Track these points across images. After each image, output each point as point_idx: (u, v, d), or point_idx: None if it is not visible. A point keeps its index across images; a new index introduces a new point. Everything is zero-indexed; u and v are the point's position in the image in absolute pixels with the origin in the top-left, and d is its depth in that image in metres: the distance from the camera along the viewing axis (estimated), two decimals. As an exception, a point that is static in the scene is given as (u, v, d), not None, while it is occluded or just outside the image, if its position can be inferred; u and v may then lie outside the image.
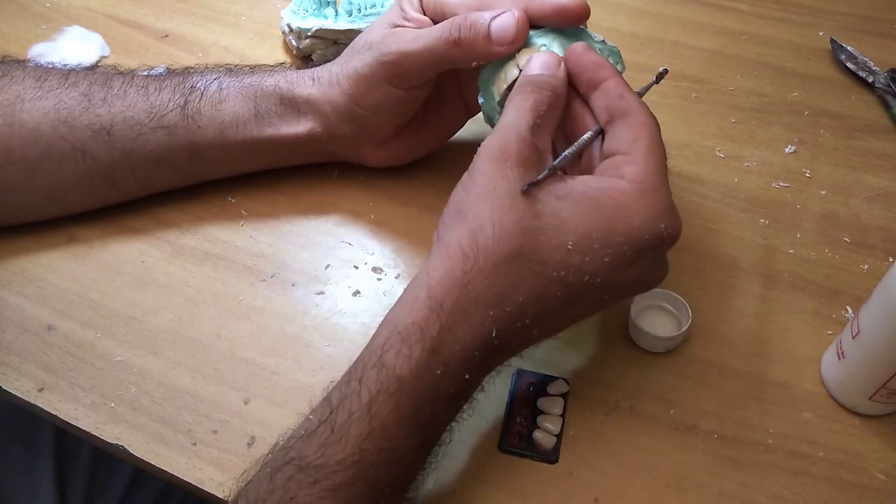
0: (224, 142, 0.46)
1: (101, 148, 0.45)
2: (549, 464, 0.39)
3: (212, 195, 0.50)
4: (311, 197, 0.51)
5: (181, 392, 0.41)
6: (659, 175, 0.36)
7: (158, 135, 0.45)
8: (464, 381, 0.34)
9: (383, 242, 0.49)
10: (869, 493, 0.38)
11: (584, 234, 0.34)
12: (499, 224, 0.34)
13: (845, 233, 0.49)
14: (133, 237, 0.48)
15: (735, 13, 0.66)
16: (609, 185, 0.35)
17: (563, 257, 0.34)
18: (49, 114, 0.44)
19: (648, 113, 0.37)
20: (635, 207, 0.34)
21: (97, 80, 0.46)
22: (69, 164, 0.45)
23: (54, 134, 0.44)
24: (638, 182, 0.35)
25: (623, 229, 0.34)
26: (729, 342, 0.44)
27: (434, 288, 0.33)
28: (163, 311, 0.45)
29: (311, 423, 0.33)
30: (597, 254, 0.34)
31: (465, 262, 0.33)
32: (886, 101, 0.57)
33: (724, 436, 0.40)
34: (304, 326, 0.44)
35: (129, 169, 0.46)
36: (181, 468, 0.39)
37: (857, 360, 0.39)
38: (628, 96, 0.37)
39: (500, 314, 0.33)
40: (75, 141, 0.44)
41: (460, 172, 0.34)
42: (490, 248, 0.33)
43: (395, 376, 0.32)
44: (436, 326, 0.33)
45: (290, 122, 0.47)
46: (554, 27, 0.41)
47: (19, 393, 0.41)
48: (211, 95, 0.46)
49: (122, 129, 0.45)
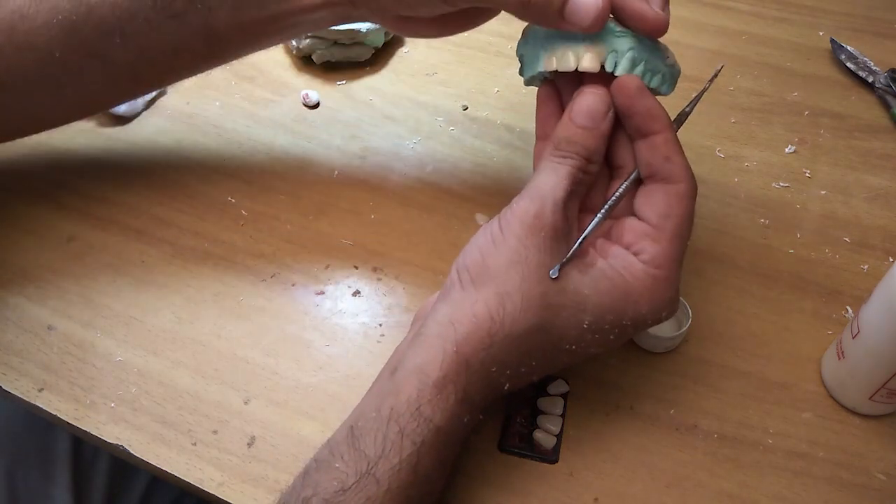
0: (241, 21, 0.43)
1: (117, 51, 0.43)
2: (549, 464, 0.39)
3: (212, 195, 0.50)
4: (311, 197, 0.51)
5: (181, 392, 0.41)
6: (676, 261, 0.36)
7: (171, 25, 0.43)
8: (478, 420, 0.36)
9: (383, 242, 0.49)
10: (869, 493, 0.38)
11: (599, 314, 0.35)
12: (527, 296, 0.34)
13: (845, 233, 0.49)
14: (133, 237, 0.48)
15: (735, 13, 0.66)
16: (625, 265, 0.36)
17: (579, 334, 0.35)
18: (54, 26, 0.42)
19: (690, 182, 0.36)
20: (644, 294, 0.35)
21: None
22: (90, 73, 0.44)
23: (65, 47, 0.42)
24: (653, 267, 0.35)
25: (631, 314, 0.35)
26: (729, 342, 0.44)
27: (461, 344, 0.34)
28: (163, 311, 0.45)
29: (346, 476, 0.33)
30: (606, 333, 0.36)
31: (491, 326, 0.34)
32: (886, 101, 0.57)
33: (724, 436, 0.40)
34: (304, 326, 0.44)
35: (149, 64, 0.45)
36: (181, 468, 0.39)
37: (857, 360, 0.39)
38: (675, 159, 0.36)
39: (515, 373, 0.35)
40: (90, 49, 0.43)
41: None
42: (516, 318, 0.34)
43: (435, 427, 0.33)
44: (464, 380, 0.34)
45: None
46: (632, 31, 0.37)
47: (19, 393, 0.41)
48: None
49: (133, 27, 0.42)
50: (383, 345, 0.44)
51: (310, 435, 0.40)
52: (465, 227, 0.49)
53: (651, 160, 0.36)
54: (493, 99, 0.58)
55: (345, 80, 0.60)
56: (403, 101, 0.58)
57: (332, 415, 0.40)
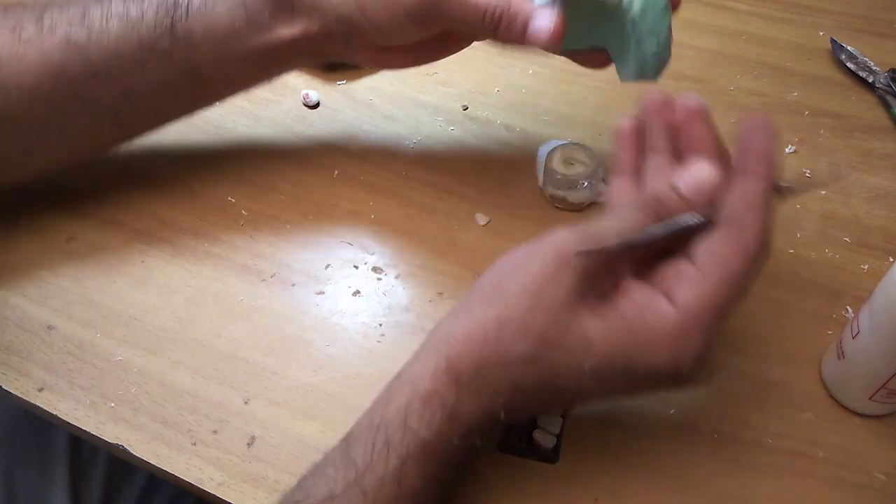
0: (222, 57, 0.44)
1: (102, 92, 0.43)
2: (549, 464, 0.39)
3: (212, 195, 0.50)
4: (311, 197, 0.51)
5: (181, 392, 0.41)
6: (713, 315, 0.31)
7: (155, 65, 0.43)
8: (475, 448, 0.35)
9: (383, 242, 0.49)
10: (869, 493, 0.38)
11: (604, 359, 0.32)
12: (526, 326, 0.32)
13: (845, 233, 0.49)
14: (133, 237, 0.48)
15: (735, 13, 0.66)
16: (649, 305, 0.32)
17: (576, 377, 0.32)
18: (40, 68, 0.42)
19: (761, 243, 0.32)
20: (664, 342, 0.31)
21: (75, 19, 0.43)
22: (74, 114, 0.44)
23: (52, 89, 0.42)
24: (684, 313, 0.31)
25: (644, 364, 0.32)
26: (729, 342, 0.44)
27: (453, 359, 0.33)
28: (163, 311, 0.45)
29: (335, 483, 0.33)
30: (609, 381, 0.33)
31: (483, 348, 0.33)
32: (886, 101, 0.57)
33: (724, 436, 0.40)
34: (304, 326, 0.44)
35: (133, 106, 0.45)
36: (181, 468, 0.39)
37: (857, 360, 0.39)
38: (758, 212, 0.32)
39: (508, 402, 0.33)
40: (75, 90, 0.43)
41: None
42: (509, 344, 0.32)
43: (420, 440, 0.33)
44: (453, 397, 0.33)
45: (284, 22, 0.43)
46: None
47: (19, 393, 0.41)
48: (197, 9, 0.43)
49: (118, 68, 0.43)
50: (383, 345, 0.44)
51: (310, 435, 0.40)
52: (465, 227, 0.49)
53: (733, 202, 0.33)
54: (493, 99, 0.58)
55: (345, 80, 0.60)
56: (403, 101, 0.58)
57: (332, 415, 0.40)
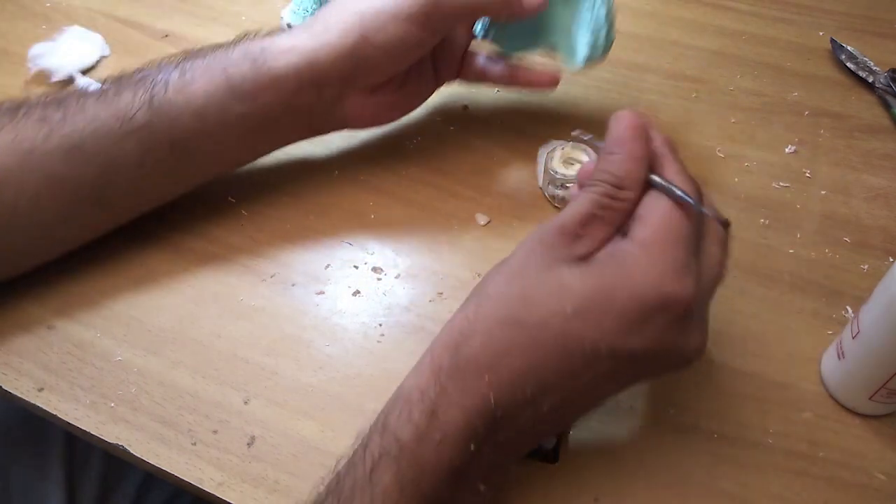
0: (204, 126, 0.43)
1: (78, 169, 0.42)
2: (549, 463, 0.39)
3: (212, 195, 0.50)
4: (311, 197, 0.51)
5: (181, 392, 0.41)
6: (668, 236, 0.33)
7: (134, 138, 0.42)
8: (469, 452, 0.32)
9: (383, 242, 0.49)
10: (869, 493, 0.38)
11: (583, 298, 0.32)
12: (502, 292, 0.33)
13: (845, 233, 0.49)
14: (133, 237, 0.48)
15: (735, 13, 0.66)
16: (617, 248, 0.34)
17: (561, 324, 0.32)
18: (9, 147, 0.41)
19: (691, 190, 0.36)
20: (636, 267, 0.32)
21: (50, 103, 0.42)
22: (47, 196, 0.41)
23: (22, 168, 0.40)
24: (639, 241, 0.33)
25: (623, 293, 0.32)
26: (729, 342, 0.44)
27: (435, 349, 0.33)
28: (163, 311, 0.45)
29: (321, 495, 0.33)
30: (596, 318, 0.32)
31: (462, 324, 0.33)
32: (886, 101, 0.57)
33: (724, 436, 0.40)
34: (304, 326, 0.44)
35: (113, 185, 0.43)
36: (181, 468, 0.39)
37: (857, 360, 0.39)
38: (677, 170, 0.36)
39: (497, 380, 0.32)
40: (47, 169, 0.41)
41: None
42: (488, 313, 0.33)
43: (395, 439, 0.32)
44: (435, 389, 0.32)
45: (266, 85, 0.43)
46: None
47: (19, 393, 0.41)
48: (175, 82, 0.42)
49: (94, 142, 0.41)
50: (383, 345, 0.44)
51: (310, 435, 0.40)
52: (465, 227, 0.49)
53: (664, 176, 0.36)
54: (493, 99, 0.58)
55: (345, 80, 0.59)
56: (403, 101, 0.58)
57: (332, 415, 0.40)
